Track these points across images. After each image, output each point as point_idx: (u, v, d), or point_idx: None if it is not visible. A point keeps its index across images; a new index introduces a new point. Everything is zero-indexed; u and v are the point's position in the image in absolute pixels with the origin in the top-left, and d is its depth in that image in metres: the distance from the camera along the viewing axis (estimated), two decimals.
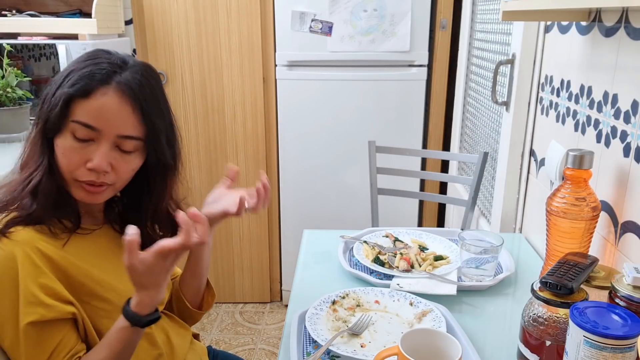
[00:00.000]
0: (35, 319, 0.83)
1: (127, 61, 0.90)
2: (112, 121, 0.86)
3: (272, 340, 2.44)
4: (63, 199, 0.90)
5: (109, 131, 0.86)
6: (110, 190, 0.92)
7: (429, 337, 0.81)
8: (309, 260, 1.34)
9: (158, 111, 0.91)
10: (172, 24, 2.33)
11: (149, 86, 0.90)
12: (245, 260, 2.67)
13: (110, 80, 0.86)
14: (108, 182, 0.89)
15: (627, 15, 1.02)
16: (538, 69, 1.46)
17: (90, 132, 0.86)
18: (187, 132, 2.47)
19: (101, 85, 0.85)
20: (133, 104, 0.87)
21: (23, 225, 0.87)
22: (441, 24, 2.34)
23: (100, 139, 0.86)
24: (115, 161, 0.88)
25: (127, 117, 0.87)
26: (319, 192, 2.52)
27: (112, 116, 0.86)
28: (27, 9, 2.23)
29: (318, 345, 0.96)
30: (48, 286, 0.85)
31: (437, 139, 2.50)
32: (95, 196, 0.90)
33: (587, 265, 0.88)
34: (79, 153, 0.86)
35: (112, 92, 0.85)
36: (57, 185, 0.89)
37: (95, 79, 0.85)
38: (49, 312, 0.84)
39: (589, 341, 0.72)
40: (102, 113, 0.85)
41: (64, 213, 0.91)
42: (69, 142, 0.86)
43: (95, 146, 0.87)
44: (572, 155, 1.01)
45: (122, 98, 0.86)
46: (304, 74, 2.36)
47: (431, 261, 1.25)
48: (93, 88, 0.85)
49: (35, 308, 0.83)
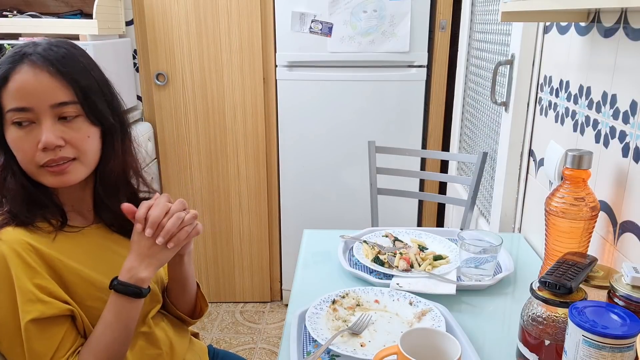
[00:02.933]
0: (36, 316, 0.83)
1: (40, 42, 0.90)
2: (38, 94, 0.85)
3: (272, 340, 2.44)
4: (38, 197, 0.90)
5: (41, 105, 0.85)
6: (78, 166, 0.90)
7: (428, 336, 0.82)
8: (309, 260, 1.34)
9: (80, 69, 0.90)
10: (173, 24, 2.34)
11: (63, 50, 0.89)
12: (245, 260, 2.67)
13: (22, 59, 0.85)
14: (69, 155, 0.88)
15: (626, 15, 1.02)
16: (537, 70, 1.46)
17: (25, 113, 0.85)
18: (187, 132, 2.48)
19: (15, 65, 0.85)
20: (50, 70, 0.86)
21: (12, 226, 0.87)
22: (440, 25, 2.34)
23: (38, 117, 0.86)
24: (64, 133, 0.87)
25: (50, 84, 0.86)
26: (319, 192, 2.52)
27: (35, 89, 0.85)
28: (28, 9, 2.24)
29: (318, 345, 0.96)
30: (42, 286, 0.85)
31: (437, 139, 2.50)
32: (64, 176, 0.89)
33: (586, 265, 0.89)
34: (27, 139, 0.86)
35: (26, 67, 0.85)
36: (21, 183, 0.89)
37: (8, 62, 0.85)
38: (49, 309, 0.85)
39: (588, 340, 0.72)
40: (25, 90, 0.85)
41: (49, 212, 0.91)
42: (14, 132, 0.86)
43: (38, 126, 0.86)
44: (571, 156, 1.01)
45: (36, 69, 0.85)
46: (304, 74, 2.36)
47: (431, 261, 1.26)
48: (8, 72, 0.85)
49: (34, 305, 0.83)
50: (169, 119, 2.47)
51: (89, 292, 0.91)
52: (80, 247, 0.93)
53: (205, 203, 2.57)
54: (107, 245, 0.98)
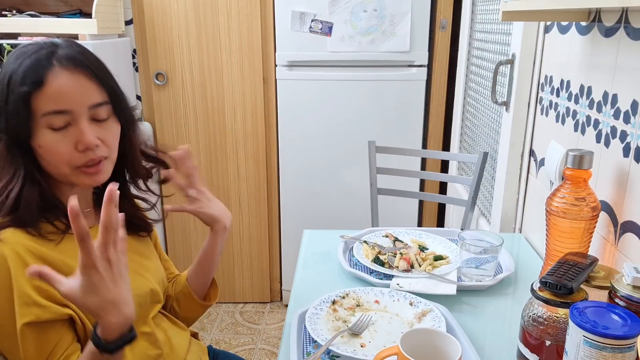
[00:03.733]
0: (31, 320, 0.82)
1: (55, 41, 0.89)
2: (77, 96, 0.85)
3: (272, 340, 2.44)
4: (49, 203, 0.89)
5: (80, 107, 0.86)
6: (108, 164, 0.92)
7: (428, 336, 0.81)
8: (309, 260, 1.34)
9: (106, 71, 0.91)
10: (172, 24, 2.33)
11: (87, 53, 0.90)
12: (245, 260, 2.67)
13: (52, 62, 0.85)
14: (104, 155, 0.90)
15: (627, 15, 1.02)
16: (538, 69, 1.46)
17: (64, 116, 0.85)
18: (187, 132, 2.48)
19: (47, 69, 0.84)
20: (85, 72, 0.86)
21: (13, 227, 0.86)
22: (441, 24, 2.34)
23: (75, 119, 0.86)
24: (99, 133, 0.89)
25: (88, 86, 0.87)
26: (319, 192, 2.52)
27: (74, 91, 0.85)
28: (27, 9, 2.23)
29: (318, 345, 0.96)
30: (42, 288, 0.84)
31: (437, 139, 2.50)
32: (98, 175, 0.91)
33: (587, 265, 0.89)
34: (64, 142, 0.86)
35: (60, 70, 0.84)
36: (39, 192, 0.88)
37: (39, 66, 0.84)
38: (45, 313, 0.84)
39: (589, 341, 0.72)
40: (64, 93, 0.84)
41: (53, 215, 0.90)
42: (49, 136, 0.85)
43: (74, 128, 0.86)
44: (572, 155, 1.01)
45: (72, 71, 0.85)
46: (304, 74, 2.36)
47: (431, 261, 1.26)
48: (42, 75, 0.83)
49: (30, 309, 0.83)
50: (168, 118, 2.47)
51: None
52: None
53: None
54: None
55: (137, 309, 0.97)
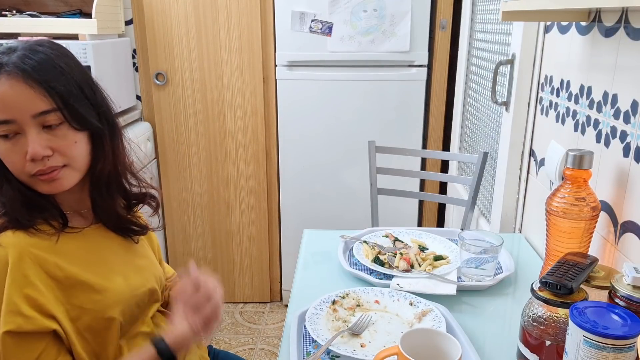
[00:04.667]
0: (12, 329, 0.81)
1: (15, 46, 0.87)
2: (18, 105, 0.83)
3: (272, 340, 2.44)
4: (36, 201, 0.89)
5: (22, 116, 0.84)
6: (69, 172, 0.89)
7: (428, 337, 0.81)
8: (309, 260, 1.34)
9: (58, 75, 0.87)
10: (172, 24, 2.33)
11: (41, 56, 0.87)
12: (245, 260, 2.67)
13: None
14: (57, 164, 0.87)
15: (627, 15, 1.02)
16: (538, 69, 1.46)
17: (8, 126, 0.84)
18: (187, 132, 2.47)
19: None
20: (26, 80, 0.84)
21: (12, 230, 0.85)
22: (441, 24, 2.34)
23: (22, 128, 0.84)
24: (50, 142, 0.86)
25: (28, 95, 0.84)
26: (319, 192, 2.52)
27: (14, 101, 0.83)
28: (27, 9, 2.23)
29: (318, 345, 0.96)
30: (32, 297, 0.83)
31: (437, 139, 2.50)
32: (56, 182, 0.88)
33: (587, 265, 0.89)
34: (14, 151, 0.85)
35: (3, 79, 0.83)
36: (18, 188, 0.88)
37: None
38: (27, 324, 0.82)
39: (589, 341, 0.72)
40: (5, 103, 0.83)
41: (48, 215, 0.90)
42: (1, 145, 0.85)
43: (23, 137, 0.85)
44: (572, 155, 1.01)
45: (13, 80, 0.83)
46: (304, 74, 2.36)
47: (431, 261, 1.26)
48: None
49: (14, 317, 0.82)
50: (168, 118, 2.47)
51: (88, 295, 0.90)
52: (81, 248, 0.93)
53: (205, 203, 2.56)
54: (106, 244, 0.98)
55: (136, 309, 0.97)
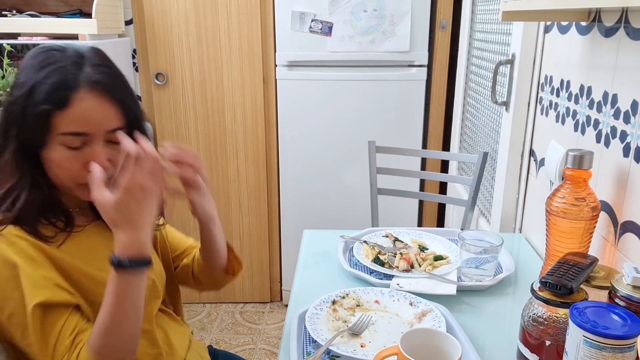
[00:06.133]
0: (42, 300, 0.83)
1: (81, 52, 0.89)
2: (98, 121, 0.86)
3: (272, 340, 2.44)
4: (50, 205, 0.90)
5: (98, 131, 0.87)
6: None
7: (428, 337, 0.81)
8: (309, 260, 1.34)
9: (129, 94, 0.92)
10: (172, 24, 2.33)
11: (111, 72, 0.90)
12: (245, 260, 2.67)
13: (79, 82, 0.85)
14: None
15: (627, 15, 1.02)
16: (538, 69, 1.46)
17: (81, 138, 0.86)
18: (187, 132, 2.47)
19: (73, 90, 0.84)
20: (109, 98, 0.87)
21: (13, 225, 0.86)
22: (441, 24, 2.34)
23: (91, 140, 0.87)
24: (111, 155, 0.89)
25: (109, 112, 0.88)
26: (319, 192, 2.52)
27: (96, 116, 0.86)
28: (27, 9, 2.23)
29: (318, 345, 0.96)
30: (48, 276, 0.85)
31: (437, 139, 2.50)
32: None
33: (587, 265, 0.89)
34: (76, 160, 0.87)
35: (86, 93, 0.85)
36: (43, 197, 0.88)
37: (65, 86, 0.84)
38: (54, 296, 0.84)
39: (589, 341, 0.72)
40: (87, 117, 0.85)
41: (53, 215, 0.91)
42: (63, 152, 0.86)
43: (89, 148, 0.87)
44: (572, 155, 1.01)
45: (97, 96, 0.86)
46: (304, 74, 2.36)
47: (431, 261, 1.26)
48: (68, 96, 0.84)
49: (41, 290, 0.83)
50: (168, 118, 2.47)
51: (93, 288, 0.91)
52: (83, 245, 0.94)
53: None
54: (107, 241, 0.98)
55: None
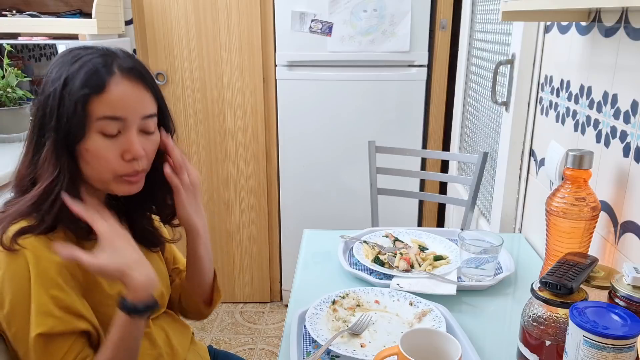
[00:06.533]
0: (44, 331, 0.82)
1: (110, 48, 0.91)
2: (134, 105, 0.87)
3: (272, 340, 2.44)
4: None
5: (134, 116, 0.87)
6: (144, 175, 0.93)
7: (428, 337, 0.81)
8: (309, 260, 1.34)
9: (154, 83, 0.93)
10: (172, 24, 2.33)
11: (140, 63, 0.92)
12: (245, 260, 2.67)
13: (113, 69, 0.86)
14: (145, 167, 0.91)
15: (627, 15, 1.02)
16: (538, 69, 1.46)
17: (117, 123, 0.86)
18: (187, 132, 2.47)
19: (109, 75, 0.85)
20: (143, 83, 0.89)
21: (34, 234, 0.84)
22: (441, 24, 2.34)
23: (127, 127, 0.87)
24: (144, 145, 0.89)
25: (144, 97, 0.89)
26: (319, 192, 2.52)
27: (132, 100, 0.87)
28: (27, 9, 2.23)
29: (318, 345, 0.96)
30: (59, 298, 0.83)
31: (437, 139, 2.50)
32: (136, 185, 0.91)
33: (587, 265, 0.88)
34: (112, 149, 0.86)
35: (121, 78, 0.86)
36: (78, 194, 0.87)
37: (101, 72, 0.85)
38: (59, 325, 0.83)
39: (589, 341, 0.72)
40: (123, 101, 0.86)
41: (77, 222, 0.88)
42: (100, 142, 0.85)
43: (124, 137, 0.87)
44: (572, 155, 1.01)
45: (132, 81, 0.87)
46: (304, 74, 2.36)
47: (431, 261, 1.26)
48: (104, 81, 0.84)
49: (45, 319, 0.82)
50: None
51: (101, 299, 0.90)
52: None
53: (205, 203, 2.56)
54: None
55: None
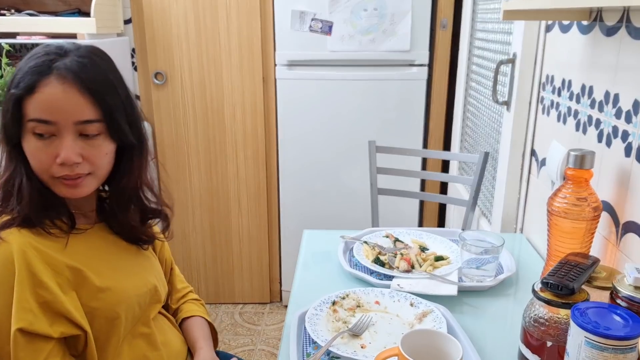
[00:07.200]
0: (24, 326, 0.81)
1: (67, 48, 0.88)
2: (64, 109, 0.84)
3: (271, 341, 2.43)
4: (50, 200, 0.89)
5: (65, 120, 0.84)
6: (91, 180, 0.90)
7: (429, 337, 0.81)
8: (309, 261, 1.34)
9: (108, 88, 0.89)
10: (172, 23, 2.33)
11: (92, 65, 0.87)
12: (245, 261, 2.67)
13: (50, 70, 0.84)
14: (83, 172, 0.88)
15: (629, 14, 1.02)
16: (539, 69, 1.46)
17: (47, 126, 0.84)
18: (187, 132, 2.47)
19: (42, 76, 0.83)
20: (79, 87, 0.85)
21: (18, 227, 0.85)
22: (442, 24, 2.33)
23: (60, 131, 0.85)
24: (83, 150, 0.87)
25: (77, 102, 0.85)
26: (319, 192, 2.52)
27: (62, 105, 0.84)
28: (25, 8, 2.23)
29: (318, 346, 0.95)
30: (41, 295, 0.83)
31: (438, 138, 2.49)
32: (77, 189, 0.89)
33: (589, 266, 0.88)
34: (45, 151, 0.85)
35: (54, 80, 0.84)
36: (37, 188, 0.88)
37: (36, 72, 0.84)
38: (37, 322, 0.82)
39: (590, 342, 0.71)
40: (51, 104, 0.84)
41: (55, 214, 0.90)
42: (33, 142, 0.85)
43: (58, 140, 0.85)
44: (573, 155, 1.00)
45: (65, 84, 0.84)
46: (303, 73, 2.36)
47: (432, 261, 1.25)
48: (35, 82, 0.83)
49: (25, 314, 0.82)
50: (167, 118, 2.46)
51: (92, 293, 0.90)
52: (84, 247, 0.93)
53: (204, 203, 2.56)
54: (107, 246, 0.98)
55: (137, 309, 0.97)
